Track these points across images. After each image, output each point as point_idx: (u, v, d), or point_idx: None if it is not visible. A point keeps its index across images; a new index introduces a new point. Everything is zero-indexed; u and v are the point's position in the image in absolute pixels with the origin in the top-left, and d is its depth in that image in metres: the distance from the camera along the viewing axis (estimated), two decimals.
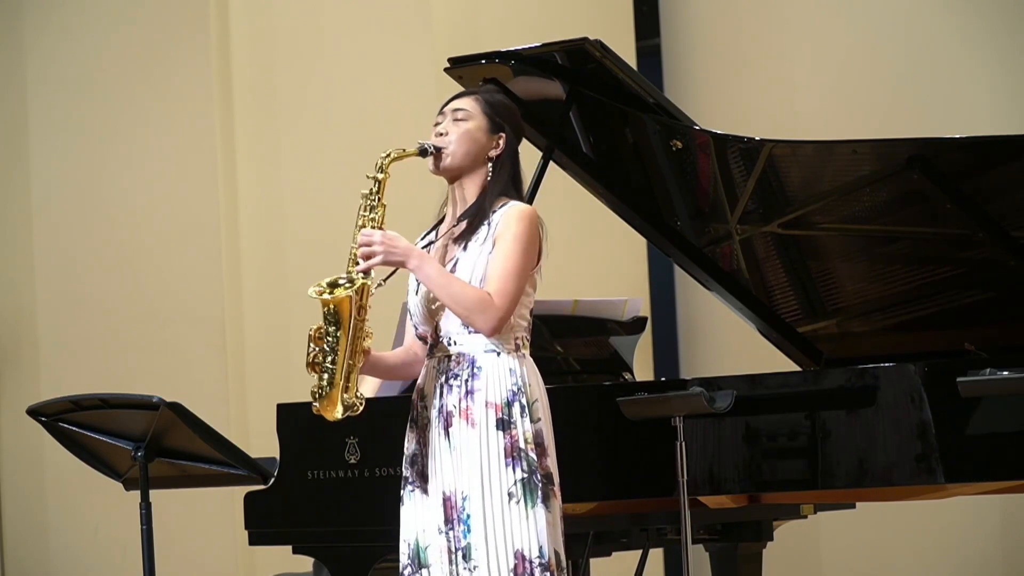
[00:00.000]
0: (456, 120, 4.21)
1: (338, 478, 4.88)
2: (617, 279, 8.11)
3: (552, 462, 4.13)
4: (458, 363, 4.14)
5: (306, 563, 5.82)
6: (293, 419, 5.01)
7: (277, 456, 4.99)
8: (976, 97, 7.60)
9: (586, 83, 5.11)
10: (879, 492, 4.87)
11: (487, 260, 4.13)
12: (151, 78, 7.93)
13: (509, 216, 4.14)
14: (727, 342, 7.98)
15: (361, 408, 4.13)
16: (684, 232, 5.32)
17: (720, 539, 5.42)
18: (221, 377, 7.78)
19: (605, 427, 4.79)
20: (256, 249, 7.91)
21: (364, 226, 4.14)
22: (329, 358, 4.09)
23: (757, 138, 4.98)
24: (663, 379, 6.65)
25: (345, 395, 4.11)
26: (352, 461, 4.85)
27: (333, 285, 4.10)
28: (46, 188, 8.03)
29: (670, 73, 8.44)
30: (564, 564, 4.13)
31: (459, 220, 4.21)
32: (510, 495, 4.06)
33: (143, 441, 4.81)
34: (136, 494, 4.85)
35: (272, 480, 4.96)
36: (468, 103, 4.24)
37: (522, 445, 4.08)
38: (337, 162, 7.89)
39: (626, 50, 8.33)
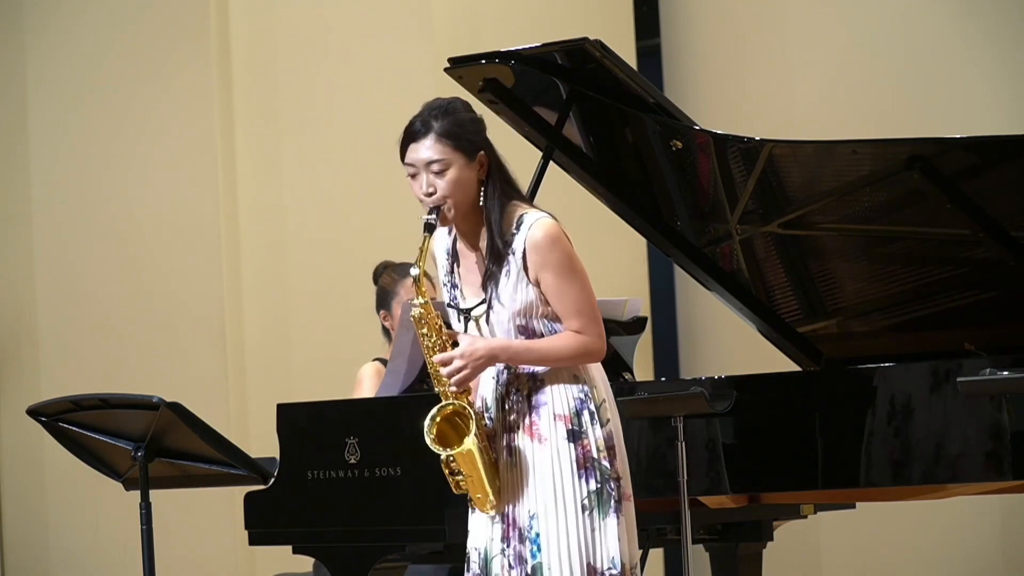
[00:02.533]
0: (436, 173, 4.02)
1: (338, 478, 4.87)
2: (617, 279, 8.11)
3: (621, 461, 4.04)
4: (517, 376, 4.05)
5: (306, 563, 5.82)
6: (293, 419, 5.01)
7: (277, 456, 4.99)
8: (976, 97, 7.60)
9: (586, 83, 5.11)
10: (879, 492, 4.87)
11: (527, 295, 4.02)
12: (151, 79, 7.93)
13: (537, 246, 4.00)
14: (727, 342, 7.98)
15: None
16: (684, 232, 5.32)
17: (720, 539, 5.41)
18: (221, 377, 7.78)
19: None
20: (256, 249, 7.91)
21: (435, 350, 4.01)
22: (474, 486, 4.00)
23: (757, 138, 4.97)
24: (663, 379, 6.65)
25: (495, 491, 4.01)
26: (352, 461, 4.85)
27: (439, 413, 3.97)
28: (46, 188, 8.03)
29: (670, 73, 8.44)
30: (634, 566, 4.04)
31: (486, 258, 4.06)
32: (584, 507, 3.98)
33: (143, 441, 4.81)
34: (136, 494, 4.85)
35: (272, 480, 4.96)
36: (436, 148, 4.01)
37: (595, 454, 3.99)
38: (337, 162, 7.90)
39: (626, 50, 8.33)
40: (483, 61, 5.11)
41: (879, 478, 4.60)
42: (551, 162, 5.18)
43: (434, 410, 3.98)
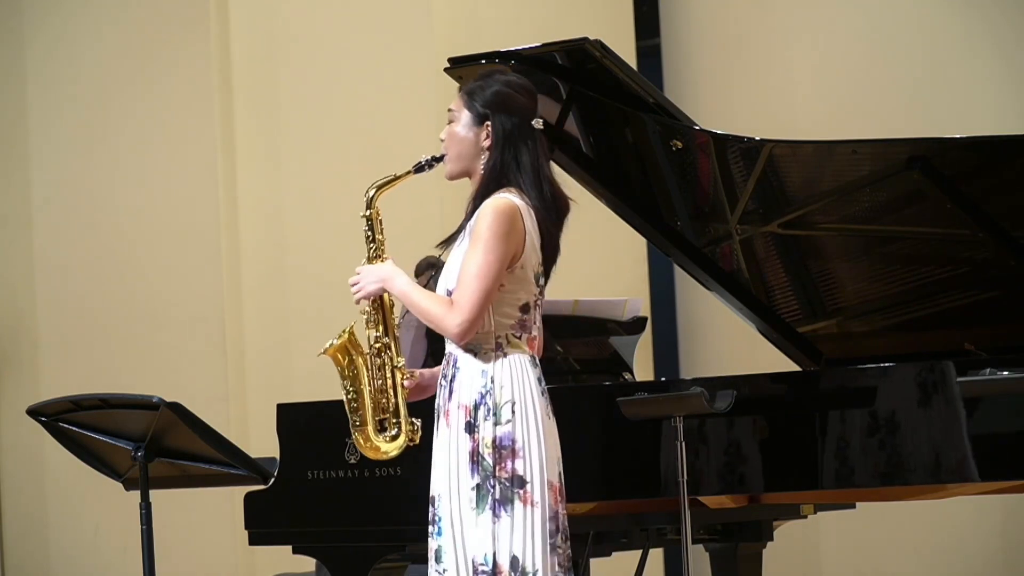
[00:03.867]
0: (448, 123, 4.20)
1: (338, 478, 4.88)
2: (617, 279, 8.11)
3: (526, 464, 4.04)
4: (447, 363, 4.15)
5: (306, 563, 5.81)
6: (293, 419, 5.01)
7: (277, 456, 4.99)
8: (977, 97, 7.60)
9: (586, 83, 5.11)
10: (879, 492, 4.87)
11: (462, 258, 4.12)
12: (151, 78, 7.93)
13: (479, 214, 4.09)
14: (727, 342, 7.98)
15: (414, 438, 4.18)
16: (684, 232, 5.32)
17: (720, 539, 5.42)
18: (221, 377, 7.78)
19: (605, 427, 4.78)
20: (256, 249, 7.91)
21: (366, 258, 4.21)
22: (354, 405, 4.17)
23: (757, 138, 4.97)
24: (663, 379, 6.65)
25: (380, 435, 4.16)
26: (352, 461, 4.85)
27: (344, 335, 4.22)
28: (46, 188, 8.03)
29: (670, 73, 8.44)
30: (530, 568, 4.01)
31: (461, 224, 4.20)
32: (469, 500, 4.04)
33: (143, 441, 4.81)
34: (136, 494, 4.85)
35: (272, 480, 4.96)
36: (456, 100, 4.20)
37: (481, 450, 4.03)
38: (337, 162, 7.90)
39: (626, 50, 8.33)
40: (483, 61, 5.11)
41: (878, 479, 4.60)
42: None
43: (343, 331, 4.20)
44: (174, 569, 6.79)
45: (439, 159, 4.18)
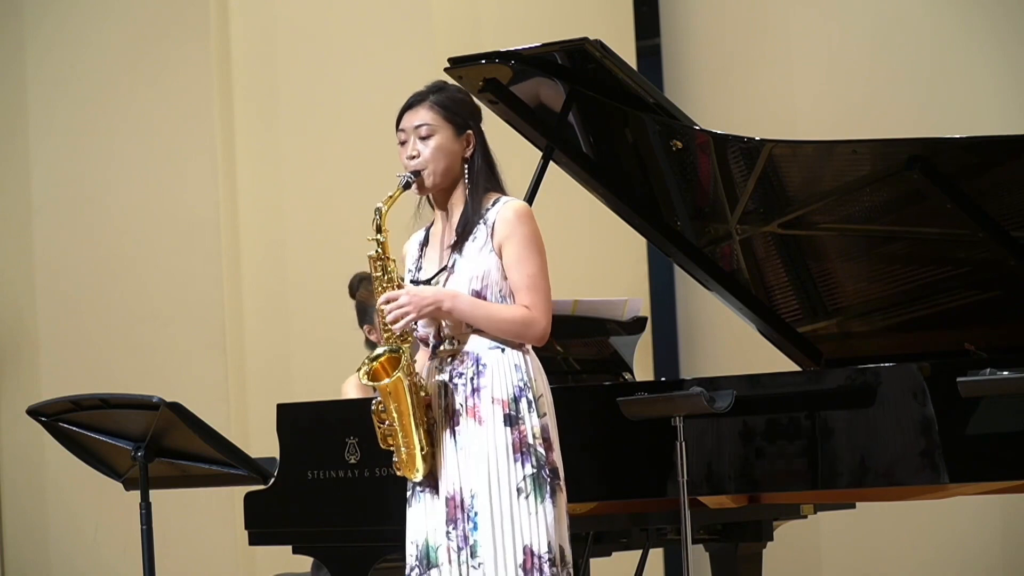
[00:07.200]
0: (422, 138, 4.21)
1: (338, 478, 4.88)
2: (617, 279, 8.11)
3: (558, 456, 4.16)
4: (462, 362, 4.16)
5: (305, 563, 5.82)
6: (293, 419, 5.01)
7: (277, 456, 4.99)
8: (977, 97, 7.60)
9: (586, 83, 5.11)
10: (879, 492, 4.88)
11: (489, 262, 4.16)
12: (151, 78, 7.93)
13: (507, 219, 4.16)
14: (727, 342, 7.97)
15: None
16: (684, 232, 5.32)
17: (720, 539, 5.42)
18: (221, 377, 7.78)
19: (605, 427, 4.79)
20: (256, 249, 7.91)
21: (384, 291, 4.15)
22: (401, 433, 4.13)
23: (757, 138, 4.98)
24: (663, 379, 6.65)
25: (423, 453, 4.14)
26: (352, 461, 4.85)
27: (376, 358, 4.12)
28: (46, 188, 8.02)
29: (670, 73, 8.44)
30: (569, 559, 4.13)
31: (456, 230, 4.22)
32: (519, 490, 4.08)
33: (143, 441, 4.82)
34: (136, 494, 4.85)
35: (272, 480, 4.96)
36: (427, 115, 4.22)
37: (530, 440, 4.10)
38: (337, 161, 7.90)
39: (626, 50, 8.33)
40: (483, 61, 5.12)
41: (877, 479, 4.60)
42: (551, 162, 5.18)
43: (374, 353, 4.12)
44: (174, 569, 6.79)
45: (418, 174, 4.21)
